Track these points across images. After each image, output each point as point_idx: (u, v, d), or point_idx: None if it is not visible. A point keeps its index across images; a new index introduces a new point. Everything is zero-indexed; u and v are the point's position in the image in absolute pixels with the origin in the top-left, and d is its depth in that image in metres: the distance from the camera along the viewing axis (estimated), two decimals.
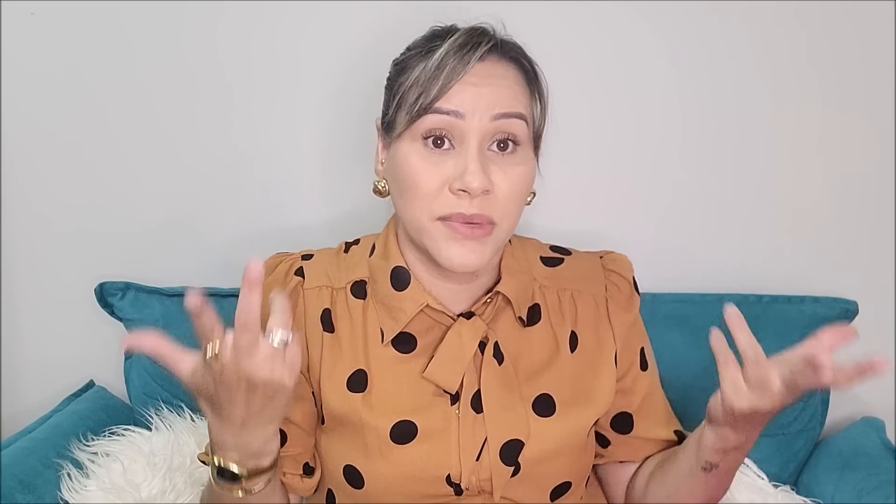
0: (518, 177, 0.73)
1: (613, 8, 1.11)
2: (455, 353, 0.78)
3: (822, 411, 1.15)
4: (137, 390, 1.17)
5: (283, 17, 1.13)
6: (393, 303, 0.79)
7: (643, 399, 0.87)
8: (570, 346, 0.83)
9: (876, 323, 1.20)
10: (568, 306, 0.84)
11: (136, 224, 1.21)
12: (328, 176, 1.19)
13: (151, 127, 1.18)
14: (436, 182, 0.72)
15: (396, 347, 0.80)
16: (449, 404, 0.78)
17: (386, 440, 0.77)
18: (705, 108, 1.15)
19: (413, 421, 0.77)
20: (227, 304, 1.14)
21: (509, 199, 0.73)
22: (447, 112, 0.71)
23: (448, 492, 0.77)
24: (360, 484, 0.78)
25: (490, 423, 0.77)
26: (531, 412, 0.79)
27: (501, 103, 0.72)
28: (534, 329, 0.82)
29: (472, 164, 0.70)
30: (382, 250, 0.82)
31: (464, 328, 0.78)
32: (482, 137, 0.72)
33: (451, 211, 0.71)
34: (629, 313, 0.86)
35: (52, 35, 1.15)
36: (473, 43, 0.72)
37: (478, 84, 0.72)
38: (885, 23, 1.11)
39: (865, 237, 1.18)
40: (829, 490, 1.04)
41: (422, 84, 0.72)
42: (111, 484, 1.01)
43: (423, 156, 0.73)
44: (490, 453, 0.77)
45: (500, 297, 0.80)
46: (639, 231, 1.19)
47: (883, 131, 1.15)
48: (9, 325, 1.26)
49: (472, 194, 0.70)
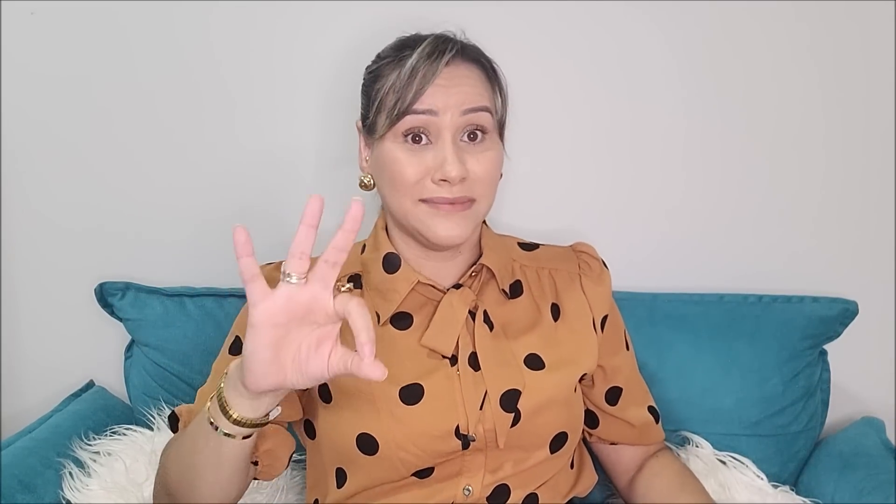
0: (489, 161, 0.82)
1: (615, 7, 1.12)
2: (448, 320, 0.85)
3: (822, 411, 1.15)
4: (137, 390, 1.17)
5: (279, 19, 1.14)
6: (386, 285, 0.86)
7: (628, 378, 0.96)
8: (553, 316, 0.91)
9: (876, 323, 1.20)
10: (548, 282, 0.93)
11: (137, 224, 1.21)
12: (329, 177, 1.19)
13: (151, 126, 1.18)
14: (418, 173, 0.80)
15: (394, 325, 0.86)
16: (449, 366, 0.85)
17: (397, 402, 0.82)
18: (705, 108, 1.15)
19: (419, 383, 0.83)
20: (228, 304, 1.16)
21: (485, 180, 0.82)
22: (423, 112, 0.80)
23: (457, 445, 0.83)
24: (375, 449, 0.82)
25: (488, 376, 0.84)
26: (523, 367, 0.86)
27: (469, 100, 0.81)
28: (518, 301, 0.90)
29: (450, 155, 0.79)
30: (372, 244, 0.90)
31: (454, 297, 0.86)
32: (455, 131, 0.81)
33: (433, 195, 0.80)
34: (601, 286, 0.94)
35: (53, 34, 1.15)
36: (440, 50, 0.81)
37: (447, 85, 0.81)
38: (885, 23, 1.11)
39: (865, 237, 1.19)
40: (829, 490, 1.04)
41: (398, 90, 0.81)
42: (113, 483, 1.01)
43: (404, 150, 0.81)
44: (491, 403, 0.83)
45: (484, 269, 0.89)
46: (638, 231, 1.19)
47: (883, 132, 1.15)
48: (9, 325, 1.26)
49: (452, 182, 0.79)
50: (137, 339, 1.17)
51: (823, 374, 1.15)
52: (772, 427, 1.10)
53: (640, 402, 0.97)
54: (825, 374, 1.15)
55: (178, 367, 1.14)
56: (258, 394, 0.68)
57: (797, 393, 1.11)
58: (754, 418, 1.10)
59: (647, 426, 0.97)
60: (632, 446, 0.98)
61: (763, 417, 1.10)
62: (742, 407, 1.09)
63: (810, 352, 1.13)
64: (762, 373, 1.10)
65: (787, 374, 1.10)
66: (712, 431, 1.09)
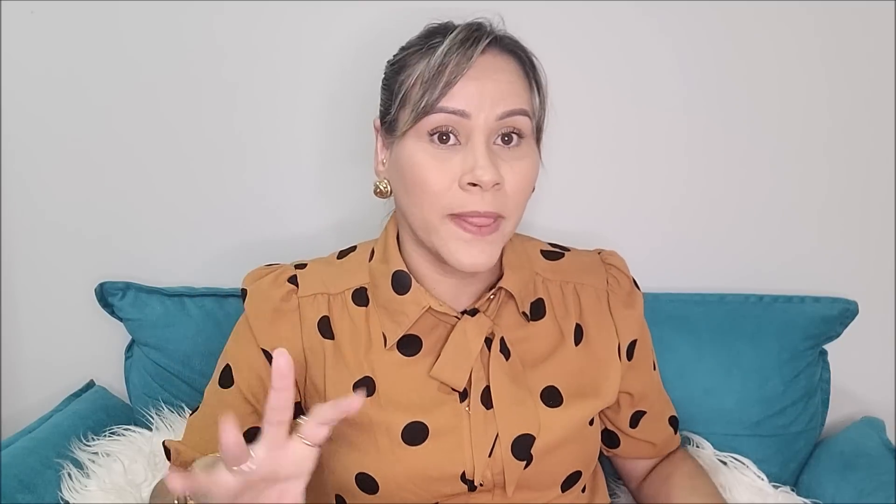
0: (524, 170, 0.74)
1: (620, 7, 1.11)
2: (461, 351, 0.77)
3: (822, 412, 1.15)
4: (137, 390, 1.17)
5: (282, 18, 1.13)
6: (395, 306, 0.79)
7: (653, 400, 0.91)
8: (575, 339, 0.83)
9: (876, 323, 1.20)
10: (572, 299, 0.85)
11: (137, 224, 1.21)
12: (330, 177, 1.19)
13: (152, 126, 1.18)
14: (445, 179, 0.71)
15: (401, 351, 0.79)
16: (458, 402, 0.78)
17: (398, 442, 0.76)
18: (707, 108, 1.15)
19: (423, 421, 0.77)
20: (228, 304, 1.16)
21: (517, 192, 0.73)
22: (453, 111, 0.71)
23: (462, 489, 0.78)
24: (375, 489, 0.77)
25: (501, 418, 0.77)
26: (539, 403, 0.79)
27: (504, 101, 0.72)
28: (538, 324, 0.82)
29: (482, 158, 0.70)
30: (382, 254, 0.82)
31: (468, 325, 0.78)
32: (489, 133, 0.72)
33: (463, 209, 0.71)
34: (631, 309, 0.87)
35: (53, 33, 1.15)
36: (474, 38, 0.72)
37: (480, 78, 0.71)
38: (886, 23, 1.11)
39: (866, 237, 1.18)
40: (830, 490, 1.04)
41: (426, 82, 0.72)
42: (112, 484, 1.00)
43: (429, 153, 0.72)
44: (502, 448, 0.77)
45: (503, 292, 0.81)
46: (639, 231, 1.19)
47: (884, 132, 1.15)
48: (9, 325, 1.26)
49: (484, 188, 0.70)
50: (138, 339, 1.17)
51: (824, 374, 1.15)
52: (772, 427, 1.10)
53: (662, 416, 0.93)
54: (825, 374, 1.15)
55: (178, 367, 1.14)
56: None
57: (798, 393, 1.11)
58: (755, 418, 1.10)
59: (668, 440, 0.94)
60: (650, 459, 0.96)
61: (764, 417, 1.10)
62: (743, 407, 1.09)
63: (811, 352, 1.13)
64: (763, 373, 1.10)
65: (787, 374, 1.10)
66: (713, 431, 1.09)
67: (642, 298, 0.88)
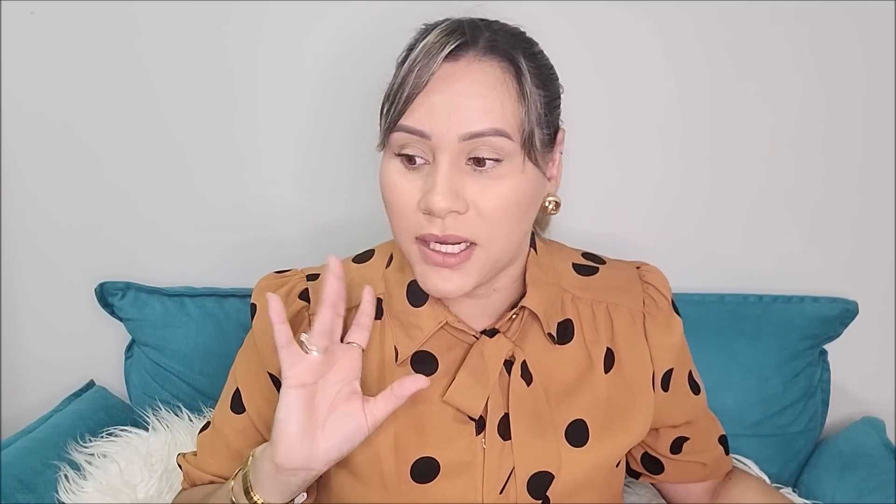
0: (502, 193, 0.64)
1: (616, 7, 1.11)
2: (478, 375, 0.71)
3: (822, 412, 1.15)
4: (137, 390, 1.17)
5: (284, 21, 1.13)
6: (409, 319, 0.73)
7: (697, 427, 0.83)
8: (606, 366, 0.76)
9: (876, 323, 1.19)
10: (603, 320, 0.77)
11: (137, 224, 1.21)
12: (331, 178, 1.19)
13: (153, 126, 1.18)
14: (411, 201, 0.65)
15: (415, 368, 0.73)
16: (474, 434, 0.72)
17: (407, 479, 0.71)
18: (707, 109, 1.15)
19: (434, 458, 0.71)
20: (228, 304, 1.16)
21: (494, 217, 0.65)
22: (410, 131, 0.64)
23: None
24: None
25: (518, 452, 0.71)
26: (562, 440, 0.73)
27: (470, 120, 0.63)
28: (566, 348, 0.75)
29: (440, 184, 0.63)
30: (399, 261, 0.76)
31: (487, 347, 0.72)
32: (454, 155, 0.64)
33: (424, 231, 0.65)
34: (669, 336, 0.78)
35: (54, 33, 1.15)
36: (441, 42, 0.63)
37: (443, 92, 0.63)
38: (885, 23, 1.11)
39: (865, 237, 1.18)
40: (830, 490, 1.04)
41: (392, 93, 0.65)
42: (108, 485, 1.00)
43: (399, 171, 0.66)
44: (517, 485, 0.71)
45: (526, 311, 0.74)
46: (639, 231, 1.19)
47: (883, 132, 1.15)
48: (9, 325, 1.26)
49: (437, 216, 0.63)
50: (138, 339, 1.17)
51: (823, 374, 1.15)
52: (772, 427, 1.10)
53: (709, 438, 0.84)
54: (825, 374, 1.15)
55: (178, 367, 1.14)
56: (287, 472, 0.64)
57: (797, 393, 1.11)
58: (755, 418, 1.10)
59: (719, 459, 0.85)
60: (704, 482, 0.86)
61: (763, 418, 1.10)
62: (743, 407, 1.09)
63: (810, 352, 1.13)
64: (762, 373, 1.10)
65: (787, 374, 1.10)
66: None
67: (681, 326, 0.80)
